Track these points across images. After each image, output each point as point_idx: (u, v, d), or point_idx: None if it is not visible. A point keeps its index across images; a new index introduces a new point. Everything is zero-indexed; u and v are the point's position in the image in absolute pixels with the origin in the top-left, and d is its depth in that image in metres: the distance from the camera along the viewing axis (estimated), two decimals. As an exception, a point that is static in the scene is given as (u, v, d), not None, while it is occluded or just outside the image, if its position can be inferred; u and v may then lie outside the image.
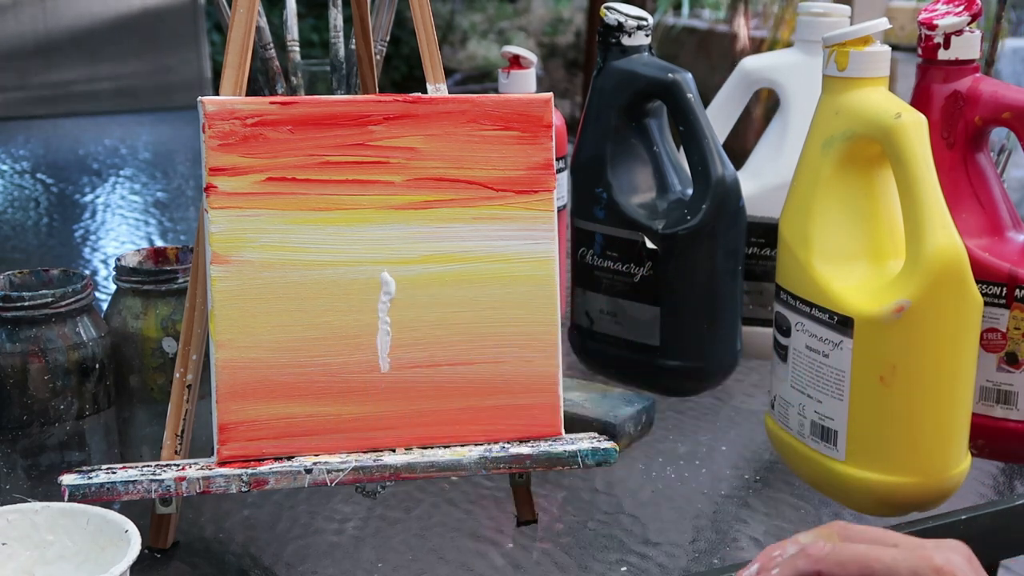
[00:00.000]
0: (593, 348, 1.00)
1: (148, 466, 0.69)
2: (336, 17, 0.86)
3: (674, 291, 0.94)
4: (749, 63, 1.08)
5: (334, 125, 0.71)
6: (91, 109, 2.56)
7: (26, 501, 0.64)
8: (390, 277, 0.72)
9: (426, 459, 0.71)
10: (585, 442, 0.73)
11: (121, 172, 1.97)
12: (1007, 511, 0.82)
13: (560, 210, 1.04)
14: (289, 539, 0.77)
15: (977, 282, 0.76)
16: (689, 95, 0.92)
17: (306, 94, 0.88)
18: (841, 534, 0.54)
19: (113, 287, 0.97)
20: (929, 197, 0.74)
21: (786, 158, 1.01)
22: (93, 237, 1.57)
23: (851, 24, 0.85)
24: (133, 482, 0.68)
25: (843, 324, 0.76)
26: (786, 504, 0.83)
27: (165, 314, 0.94)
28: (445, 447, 0.72)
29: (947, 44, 0.84)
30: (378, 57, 0.83)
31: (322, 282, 0.71)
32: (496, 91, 0.99)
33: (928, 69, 0.86)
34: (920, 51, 0.86)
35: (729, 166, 0.92)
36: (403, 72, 5.10)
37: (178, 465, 0.69)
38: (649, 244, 0.93)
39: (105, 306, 0.99)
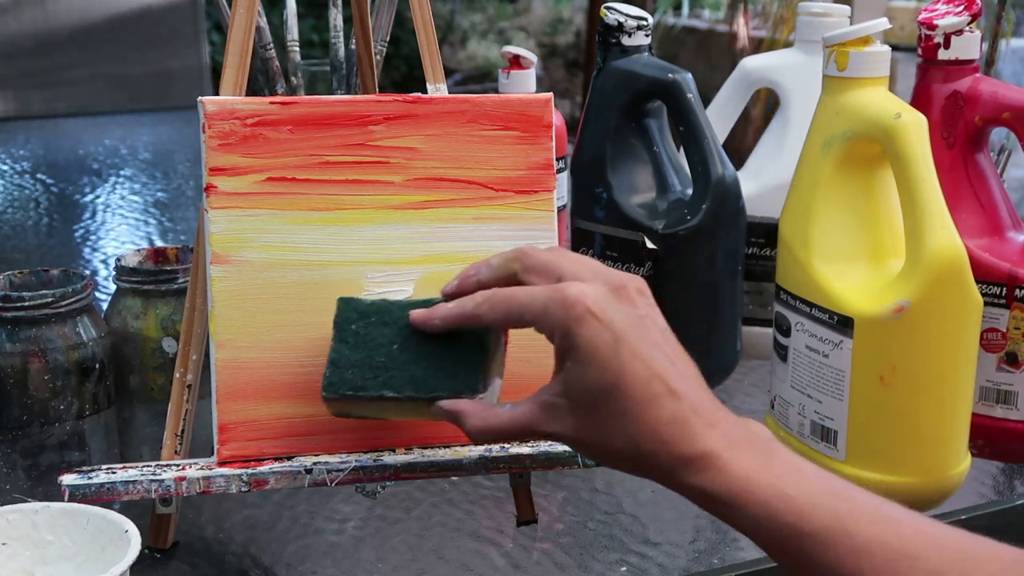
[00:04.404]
0: (593, 348, 1.00)
1: (148, 466, 0.69)
2: (336, 17, 0.86)
3: (674, 291, 0.94)
4: (749, 63, 1.08)
5: (334, 125, 0.71)
6: (91, 109, 2.56)
7: (26, 501, 0.64)
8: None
9: (426, 459, 0.71)
10: (585, 442, 0.73)
11: (121, 172, 1.97)
12: (1007, 511, 0.82)
13: (560, 210, 1.04)
14: (289, 539, 0.77)
15: (977, 282, 0.76)
16: (689, 95, 0.92)
17: (306, 94, 0.88)
18: (522, 260, 0.60)
19: (113, 287, 0.97)
20: (929, 197, 0.74)
21: (786, 158, 1.01)
22: (93, 237, 1.57)
23: (851, 24, 0.85)
24: (133, 482, 0.68)
25: (843, 324, 0.76)
26: (786, 504, 0.83)
27: (165, 314, 0.94)
28: (445, 447, 0.72)
29: (947, 44, 0.84)
30: (378, 57, 0.83)
31: (322, 282, 0.71)
32: (496, 91, 0.99)
33: (928, 69, 0.86)
34: (920, 51, 0.86)
35: (729, 166, 0.92)
36: (403, 72, 5.10)
37: (178, 465, 0.69)
38: (649, 244, 0.93)
39: (105, 306, 0.99)
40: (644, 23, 0.95)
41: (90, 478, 0.67)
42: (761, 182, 1.03)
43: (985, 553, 0.51)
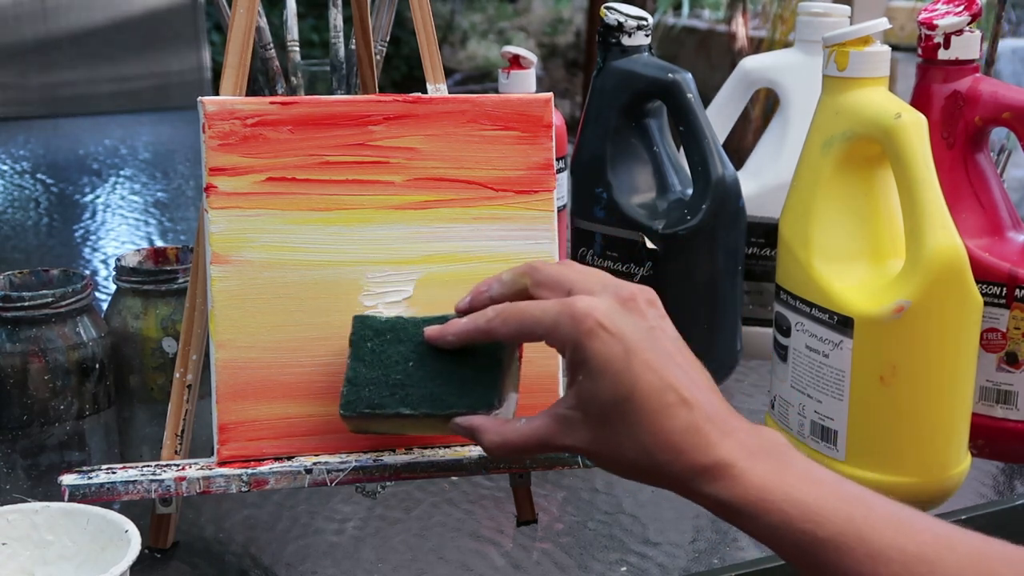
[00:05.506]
0: (593, 348, 1.00)
1: (148, 466, 0.69)
2: (336, 17, 0.86)
3: (674, 291, 0.94)
4: (749, 63, 1.08)
5: (334, 125, 0.71)
6: (91, 109, 2.56)
7: (26, 501, 0.64)
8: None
9: (426, 459, 0.71)
10: (585, 442, 0.73)
11: (121, 172, 1.97)
12: (1007, 511, 0.82)
13: (560, 210, 1.04)
14: (289, 539, 0.77)
15: (977, 282, 0.76)
16: (689, 95, 0.92)
17: (306, 94, 0.88)
18: (532, 275, 0.61)
19: (113, 287, 0.97)
20: (929, 197, 0.74)
21: (786, 158, 1.01)
22: (93, 237, 1.57)
23: (851, 24, 0.85)
24: (133, 482, 0.68)
25: (843, 324, 0.76)
26: (786, 504, 0.83)
27: (165, 314, 0.94)
28: (445, 447, 0.72)
29: (947, 44, 0.84)
30: (378, 57, 0.83)
31: (322, 282, 0.71)
32: (496, 91, 0.99)
33: (928, 69, 0.86)
34: (920, 51, 0.86)
35: (729, 166, 0.92)
36: (403, 72, 5.10)
37: (178, 465, 0.69)
38: (649, 244, 0.93)
39: (105, 306, 0.99)
40: (644, 23, 0.95)
41: (90, 478, 0.67)
42: (761, 182, 1.03)
43: (999, 556, 0.51)
